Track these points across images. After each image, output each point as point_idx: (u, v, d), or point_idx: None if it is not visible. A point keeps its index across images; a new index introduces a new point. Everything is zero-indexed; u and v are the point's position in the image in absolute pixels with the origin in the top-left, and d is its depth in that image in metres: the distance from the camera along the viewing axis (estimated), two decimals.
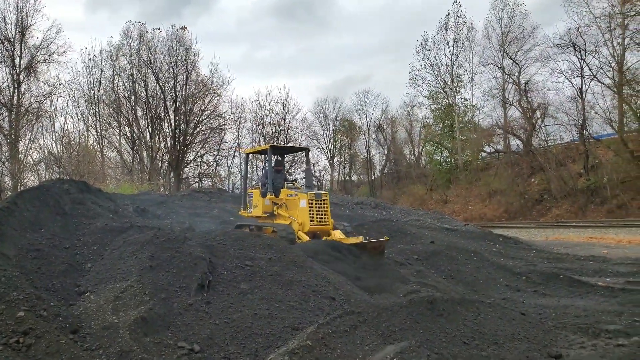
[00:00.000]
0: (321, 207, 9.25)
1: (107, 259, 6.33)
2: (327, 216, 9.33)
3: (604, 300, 7.39)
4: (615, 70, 27.41)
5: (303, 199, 9.21)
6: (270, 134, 40.99)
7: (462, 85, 41.05)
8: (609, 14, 26.93)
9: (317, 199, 9.25)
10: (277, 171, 10.61)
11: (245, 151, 12.16)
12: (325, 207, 9.32)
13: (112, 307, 4.96)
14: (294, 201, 9.48)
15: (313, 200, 9.17)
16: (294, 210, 9.44)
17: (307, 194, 9.25)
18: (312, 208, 9.13)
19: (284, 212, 9.74)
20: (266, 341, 4.80)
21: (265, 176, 10.38)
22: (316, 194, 9.36)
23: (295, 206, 9.43)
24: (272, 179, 10.12)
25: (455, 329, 5.08)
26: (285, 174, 11.19)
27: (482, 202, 34.01)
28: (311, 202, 9.13)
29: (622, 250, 13.66)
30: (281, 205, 9.82)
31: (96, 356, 4.19)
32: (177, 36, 35.15)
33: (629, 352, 4.61)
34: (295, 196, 9.48)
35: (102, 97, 35.60)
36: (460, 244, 12.16)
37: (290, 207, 9.59)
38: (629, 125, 27.95)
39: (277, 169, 10.67)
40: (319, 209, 9.22)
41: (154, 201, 15.83)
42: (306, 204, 9.11)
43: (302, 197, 9.25)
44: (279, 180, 10.33)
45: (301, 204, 9.22)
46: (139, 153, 35.34)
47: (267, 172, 10.25)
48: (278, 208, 9.89)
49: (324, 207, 9.32)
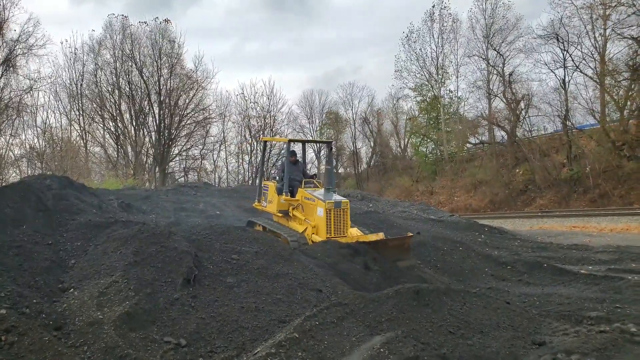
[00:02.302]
0: (340, 218, 8.46)
1: (91, 255, 6.26)
2: (346, 227, 8.53)
3: (586, 287, 7.52)
4: (597, 61, 27.76)
5: (321, 207, 8.44)
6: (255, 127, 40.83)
7: (448, 77, 41.20)
8: (591, 5, 27.22)
9: (337, 209, 8.44)
10: (294, 163, 9.72)
11: (263, 139, 11.76)
12: (344, 218, 8.52)
13: (97, 303, 4.90)
14: (310, 206, 8.76)
15: (331, 210, 8.39)
16: (311, 215, 8.74)
17: (326, 202, 8.38)
18: (329, 218, 8.36)
19: (299, 214, 9.05)
20: (253, 334, 4.80)
21: (282, 170, 9.59)
22: (335, 202, 8.47)
23: (311, 212, 8.71)
24: (289, 172, 9.31)
25: (441, 319, 5.12)
26: (303, 167, 10.29)
27: (467, 193, 34.32)
28: (329, 212, 8.37)
29: (604, 239, 13.92)
30: (297, 207, 9.12)
31: (81, 352, 4.15)
32: (161, 29, 34.73)
33: (611, 338, 4.69)
34: (312, 201, 8.72)
35: (85, 91, 35.07)
36: (446, 234, 12.27)
37: (307, 210, 8.89)
38: (610, 115, 28.34)
39: (294, 161, 9.76)
40: (337, 219, 8.43)
41: (139, 196, 15.67)
42: (323, 214, 8.36)
43: (320, 205, 8.47)
44: (296, 173, 9.53)
45: (318, 212, 8.49)
46: (124, 148, 34.91)
47: (284, 167, 9.43)
48: (294, 209, 9.19)
49: (344, 217, 8.51)
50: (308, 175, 9.81)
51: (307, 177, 9.61)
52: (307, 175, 9.88)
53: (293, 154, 9.81)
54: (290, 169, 9.35)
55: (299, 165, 9.95)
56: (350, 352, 4.48)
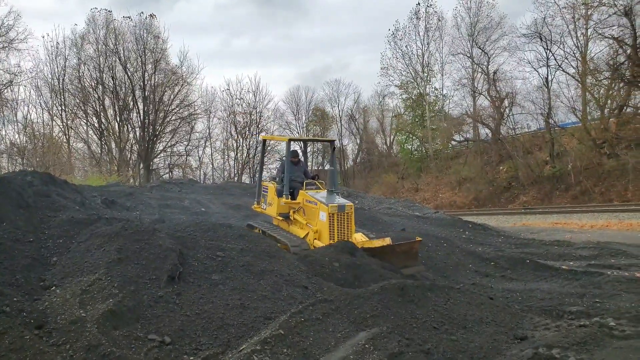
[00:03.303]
0: (344, 222, 7.96)
1: (73, 252, 6.16)
2: (350, 232, 8.04)
3: (567, 283, 7.66)
4: (579, 60, 28.22)
5: (323, 211, 7.96)
6: (241, 124, 40.64)
7: (433, 75, 41.55)
8: (573, 5, 27.65)
9: (340, 213, 7.94)
10: (295, 163, 9.18)
11: (262, 137, 10.83)
12: (349, 222, 8.03)
13: (79, 301, 4.84)
14: (312, 210, 8.27)
15: (335, 214, 7.90)
16: (313, 219, 8.26)
17: (329, 206, 7.88)
18: (332, 223, 7.87)
19: (300, 217, 8.56)
20: (238, 331, 4.79)
21: (282, 171, 9.05)
22: (339, 206, 7.98)
23: (313, 216, 8.23)
24: (290, 173, 8.80)
25: (425, 315, 5.17)
26: (304, 167, 9.69)
27: (452, 189, 34.64)
28: (332, 216, 7.88)
29: (585, 235, 14.18)
30: (298, 210, 8.62)
31: (63, 351, 4.09)
32: (146, 24, 34.31)
33: (590, 332, 4.79)
34: (314, 205, 8.21)
35: (68, 86, 34.50)
36: (431, 231, 12.38)
37: (308, 214, 8.40)
38: (591, 113, 28.83)
39: (295, 161, 9.21)
40: (341, 224, 7.93)
41: (123, 193, 15.50)
42: (326, 219, 7.87)
43: (323, 209, 7.97)
44: (297, 174, 9.04)
45: (321, 216, 8.01)
46: (107, 144, 34.49)
47: (285, 168, 8.87)
48: (295, 212, 8.70)
49: (348, 221, 8.01)
50: (310, 176, 9.34)
51: (308, 178, 9.14)
52: (309, 176, 9.39)
53: (294, 154, 9.31)
54: (290, 170, 8.88)
55: (300, 165, 9.42)
56: (335, 348, 4.50)
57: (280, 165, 9.79)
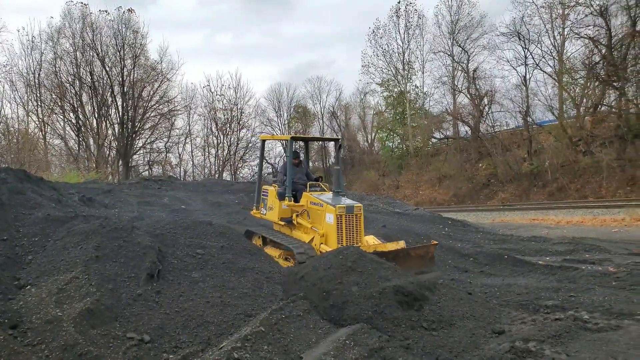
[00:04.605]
0: (353, 224, 7.39)
1: (49, 250, 6.04)
2: (359, 235, 7.47)
3: (543, 277, 7.82)
4: (556, 59, 28.75)
5: (330, 213, 7.39)
6: (222, 120, 40.35)
7: (414, 73, 41.80)
8: (550, 5, 28.14)
9: (349, 214, 7.36)
10: (296, 164, 8.66)
11: (262, 137, 10.01)
12: (358, 224, 7.44)
13: (56, 299, 4.75)
14: (318, 212, 7.71)
15: (343, 216, 7.31)
16: (318, 223, 7.69)
17: (336, 207, 7.32)
18: (340, 225, 7.30)
19: (304, 221, 7.97)
20: (218, 329, 4.76)
21: (283, 173, 8.51)
22: (347, 207, 7.39)
23: (319, 219, 7.67)
24: (292, 175, 8.28)
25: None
26: (307, 169, 9.19)
27: (432, 186, 35.01)
28: (340, 218, 7.30)
29: (561, 231, 14.50)
30: (302, 213, 8.06)
31: (38, 351, 4.01)
32: (124, 19, 33.71)
33: (565, 325, 4.91)
34: (320, 207, 7.65)
35: (44, 81, 33.68)
36: (411, 227, 12.50)
37: (314, 217, 7.83)
38: (568, 112, 29.43)
39: (295, 162, 8.69)
40: (349, 226, 7.36)
41: (101, 190, 15.24)
42: (334, 221, 7.31)
43: (329, 210, 7.42)
44: (298, 176, 8.56)
45: (327, 218, 7.43)
46: (85, 140, 33.78)
47: (286, 169, 8.36)
48: (298, 216, 8.12)
49: (357, 223, 7.44)
50: (312, 178, 8.83)
51: (311, 180, 8.65)
52: (311, 177, 8.89)
53: (295, 154, 8.77)
54: (292, 171, 8.34)
55: (301, 166, 8.95)
56: (316, 344, 4.52)
57: (280, 167, 9.26)
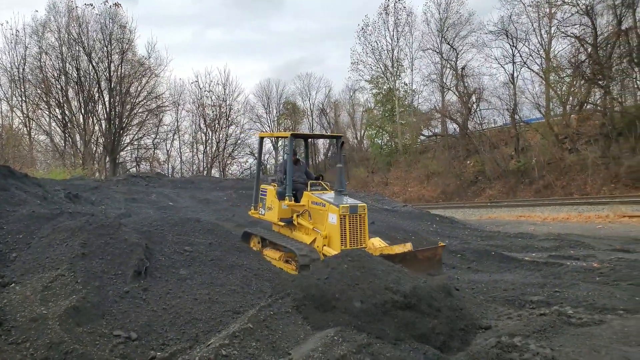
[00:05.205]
0: (357, 225, 7.13)
1: (34, 248, 5.96)
2: (364, 236, 7.21)
3: (529, 273, 7.92)
4: (543, 58, 29.02)
5: (333, 213, 7.11)
6: (210, 116, 40.12)
7: (403, 70, 41.91)
8: (537, 4, 28.39)
9: (352, 215, 7.10)
10: (294, 162, 8.33)
11: (260, 135, 9.54)
12: (362, 225, 7.20)
13: (41, 297, 4.69)
14: (320, 212, 7.42)
15: (346, 216, 7.05)
16: (320, 223, 7.40)
17: (339, 207, 7.04)
18: (344, 226, 7.02)
19: (306, 222, 7.66)
20: (207, 326, 4.75)
21: (283, 172, 8.17)
22: (351, 207, 7.13)
23: (321, 219, 7.38)
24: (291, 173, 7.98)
25: None
26: (305, 167, 8.84)
27: (420, 183, 35.18)
28: (344, 219, 7.02)
29: (547, 227, 14.67)
30: (303, 213, 7.75)
31: (23, 349, 3.96)
32: (111, 13, 33.28)
33: (550, 320, 4.98)
34: (322, 207, 7.36)
35: (28, 76, 33.17)
36: (399, 224, 12.57)
37: (315, 217, 7.53)
38: (554, 109, 29.76)
39: (294, 160, 8.37)
40: (353, 227, 7.09)
41: (88, 186, 15.07)
42: (337, 221, 7.02)
43: (332, 210, 7.14)
44: (298, 174, 8.25)
45: (330, 219, 7.16)
46: (72, 136, 33.35)
47: (286, 167, 8.03)
48: (298, 217, 7.81)
49: (361, 224, 7.19)
50: (312, 177, 8.55)
51: (311, 179, 8.37)
52: (311, 176, 8.61)
53: (293, 152, 8.47)
54: (292, 170, 8.04)
55: (300, 165, 8.65)
56: (304, 340, 4.52)
57: (280, 165, 8.83)
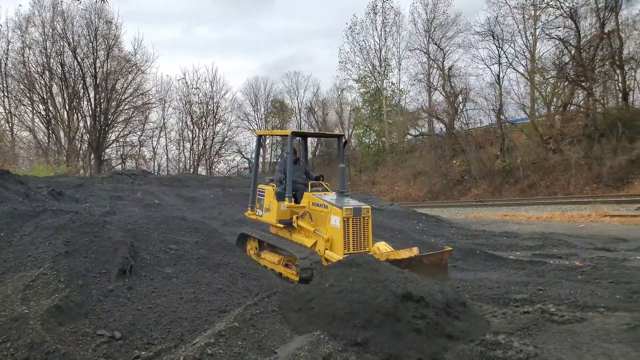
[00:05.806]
0: (360, 228, 6.82)
1: (15, 246, 5.87)
2: (367, 240, 6.92)
3: (513, 272, 8.02)
4: (528, 59, 29.38)
5: (336, 215, 6.78)
6: (197, 114, 39.85)
7: (390, 70, 42.10)
8: (523, 5, 28.72)
9: (356, 217, 6.78)
10: (294, 161, 7.95)
11: (257, 133, 9.18)
12: (366, 228, 6.89)
13: (22, 296, 4.61)
14: (321, 214, 7.11)
15: (350, 219, 6.73)
16: (322, 226, 7.06)
17: (342, 209, 6.71)
18: (347, 229, 6.70)
19: (306, 224, 7.28)
20: (192, 325, 4.72)
21: (282, 171, 7.86)
22: (354, 209, 6.80)
23: (323, 221, 7.05)
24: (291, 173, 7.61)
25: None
26: (304, 167, 8.51)
27: (407, 182, 35.40)
28: (347, 221, 6.70)
29: (531, 226, 14.86)
30: (303, 215, 7.38)
31: (3, 350, 3.89)
32: (96, 8, 32.82)
33: (533, 318, 5.05)
34: (324, 209, 7.04)
35: (11, 71, 32.57)
36: (386, 222, 12.63)
37: (317, 219, 7.19)
38: (539, 110, 30.14)
39: (294, 159, 8.02)
40: (357, 229, 6.79)
41: (72, 184, 14.86)
42: (340, 224, 6.70)
43: (335, 212, 6.80)
44: (297, 174, 7.94)
45: (333, 221, 6.83)
46: (55, 133, 32.82)
47: (285, 167, 7.69)
48: (299, 218, 7.42)
49: (365, 227, 6.88)
50: (312, 177, 8.24)
51: (311, 179, 8.08)
52: (311, 176, 8.30)
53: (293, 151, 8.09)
54: (292, 169, 7.68)
55: (300, 164, 8.32)
56: (290, 339, 4.52)
57: (279, 165, 8.49)
